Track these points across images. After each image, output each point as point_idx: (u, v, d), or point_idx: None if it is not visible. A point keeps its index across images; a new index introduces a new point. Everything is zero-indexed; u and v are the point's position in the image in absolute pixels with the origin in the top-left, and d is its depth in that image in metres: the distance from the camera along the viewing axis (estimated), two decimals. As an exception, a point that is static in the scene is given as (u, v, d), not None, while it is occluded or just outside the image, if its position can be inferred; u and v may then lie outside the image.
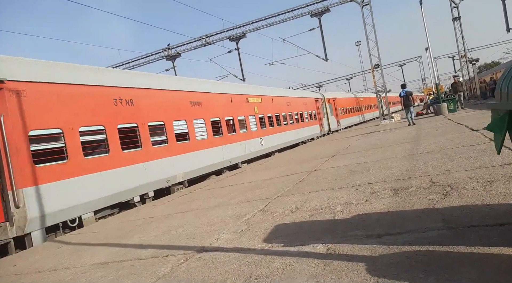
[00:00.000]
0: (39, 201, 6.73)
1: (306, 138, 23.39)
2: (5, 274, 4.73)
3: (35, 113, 7.03)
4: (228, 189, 8.22)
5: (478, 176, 4.52)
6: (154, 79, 11.31)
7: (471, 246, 2.60)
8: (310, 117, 24.97)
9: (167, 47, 30.24)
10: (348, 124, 34.21)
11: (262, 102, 17.84)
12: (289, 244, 3.49)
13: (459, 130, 9.98)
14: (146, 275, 3.47)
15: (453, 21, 29.60)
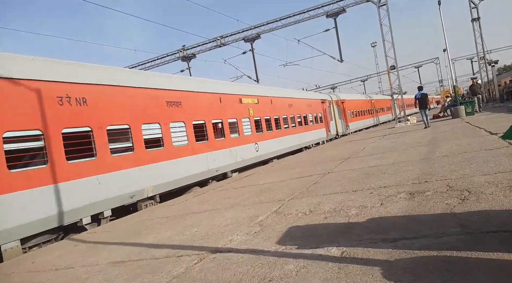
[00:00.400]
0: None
1: (311, 143, 21.46)
2: (23, 271, 4.84)
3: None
4: (241, 190, 8.24)
5: (497, 180, 4.42)
6: (119, 74, 9.45)
7: (490, 252, 2.55)
8: (315, 121, 22.95)
9: (182, 48, 30.52)
10: (358, 128, 32.16)
11: (258, 104, 16.00)
12: (303, 246, 3.48)
13: (477, 134, 9.78)
14: (161, 275, 3.51)
15: (472, 22, 29.04)
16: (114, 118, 8.54)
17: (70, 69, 7.92)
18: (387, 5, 23.31)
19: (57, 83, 7.38)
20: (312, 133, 21.96)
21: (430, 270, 2.46)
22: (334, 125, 26.32)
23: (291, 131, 19.09)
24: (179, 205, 7.92)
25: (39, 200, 6.60)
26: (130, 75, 9.97)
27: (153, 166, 9.39)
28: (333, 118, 26.25)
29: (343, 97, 30.51)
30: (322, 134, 23.61)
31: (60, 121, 7.25)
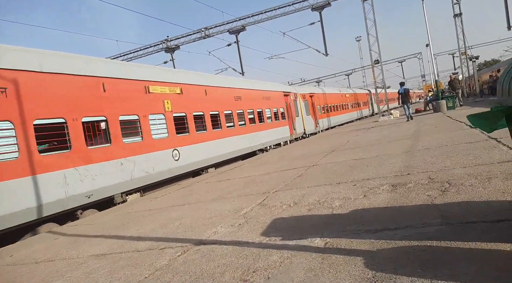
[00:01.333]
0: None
1: (269, 145, 17.94)
2: (2, 264, 4.72)
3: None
4: (225, 183, 8.22)
5: (476, 172, 4.52)
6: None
7: (469, 241, 2.60)
8: (275, 117, 19.51)
9: (166, 39, 30.07)
10: (330, 125, 29.33)
11: (182, 95, 11.85)
12: (287, 237, 3.49)
13: (458, 128, 9.98)
14: (144, 267, 3.47)
15: (454, 17, 29.54)
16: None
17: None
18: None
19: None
20: (270, 132, 18.33)
21: (411, 259, 2.50)
22: (300, 122, 22.98)
23: (238, 131, 15.21)
24: (163, 198, 7.85)
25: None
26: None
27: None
28: (299, 115, 22.99)
29: (312, 90, 27.43)
30: (284, 133, 20.31)
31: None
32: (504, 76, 2.54)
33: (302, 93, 24.49)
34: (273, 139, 18.70)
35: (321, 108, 27.97)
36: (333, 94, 32.73)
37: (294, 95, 22.73)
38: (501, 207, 3.18)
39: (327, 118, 29.16)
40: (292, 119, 21.61)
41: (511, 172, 4.22)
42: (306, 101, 24.73)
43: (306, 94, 25.26)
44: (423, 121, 15.21)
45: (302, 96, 24.22)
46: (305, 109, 24.26)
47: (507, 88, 2.41)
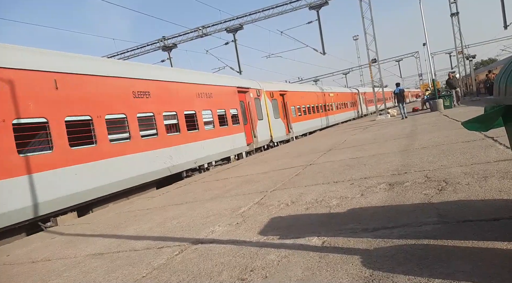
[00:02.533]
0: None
1: (208, 161, 12.96)
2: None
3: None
4: (223, 182, 8.22)
5: (473, 171, 4.54)
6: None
7: (466, 240, 2.62)
8: (222, 121, 14.37)
9: (163, 37, 29.99)
10: (307, 131, 24.60)
11: (62, 88, 8.04)
12: (284, 236, 3.50)
13: (455, 127, 10.02)
14: (141, 266, 3.47)
15: (451, 16, 29.63)
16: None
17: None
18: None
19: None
20: (211, 143, 13.25)
21: (408, 257, 2.51)
22: (265, 127, 18.19)
23: (138, 145, 9.89)
24: (161, 197, 7.84)
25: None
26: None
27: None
28: (264, 118, 18.19)
29: (283, 87, 22.78)
30: (237, 143, 15.13)
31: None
32: (500, 75, 2.55)
33: (270, 91, 19.68)
34: (218, 153, 13.55)
35: (296, 109, 23.33)
36: (312, 93, 27.92)
37: (256, 92, 17.85)
38: (497, 206, 3.20)
39: (304, 122, 24.37)
40: (252, 124, 16.56)
41: (507, 170, 4.24)
42: (275, 101, 20.10)
43: (275, 91, 20.38)
44: (420, 120, 15.26)
45: (269, 94, 19.39)
46: (274, 110, 19.48)
47: (504, 87, 2.42)
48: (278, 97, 20.77)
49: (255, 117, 17.31)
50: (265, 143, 18.12)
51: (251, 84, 17.82)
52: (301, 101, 24.59)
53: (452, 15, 29.52)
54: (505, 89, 2.41)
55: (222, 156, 13.99)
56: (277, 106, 20.29)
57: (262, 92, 18.70)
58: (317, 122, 27.44)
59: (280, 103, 20.81)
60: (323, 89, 31.01)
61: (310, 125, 25.47)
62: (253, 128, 16.94)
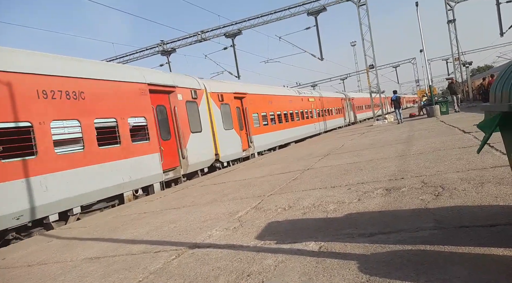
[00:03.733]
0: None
1: (79, 205, 7.98)
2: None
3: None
4: (221, 186, 8.21)
5: (469, 177, 4.57)
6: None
7: (462, 246, 2.63)
8: (113, 138, 9.21)
9: (162, 42, 30.07)
10: (276, 144, 19.80)
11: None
12: (281, 241, 3.50)
13: (451, 132, 10.07)
14: (138, 270, 3.46)
15: (448, 23, 29.85)
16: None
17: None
18: (366, 5, 23.62)
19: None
20: (80, 175, 8.09)
21: (404, 263, 2.51)
22: (206, 143, 13.24)
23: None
24: (158, 201, 7.82)
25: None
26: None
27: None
28: (203, 129, 13.14)
29: (241, 88, 17.20)
30: (145, 170, 9.94)
31: None
32: (496, 82, 2.58)
33: (218, 92, 14.74)
34: (84, 193, 8.12)
35: (261, 117, 18.48)
36: (285, 97, 22.67)
37: (191, 93, 12.79)
38: (494, 212, 3.22)
39: (272, 133, 19.52)
40: (178, 139, 11.66)
41: (503, 177, 4.26)
42: (226, 106, 15.14)
43: (227, 94, 15.32)
44: (416, 126, 15.32)
45: (217, 97, 14.59)
46: (224, 119, 14.71)
47: (500, 94, 2.45)
48: (232, 102, 15.70)
49: (186, 129, 12.03)
50: (204, 165, 12.81)
51: (179, 81, 12.32)
52: (269, 107, 19.64)
53: (449, 22, 29.75)
54: (501, 96, 2.43)
55: (101, 195, 8.53)
56: (229, 113, 15.24)
57: (202, 93, 13.48)
58: (291, 133, 22.30)
59: (234, 109, 15.75)
60: (300, 92, 26.51)
61: (280, 137, 20.56)
62: (181, 146, 11.66)
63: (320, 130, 28.22)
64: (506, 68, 2.54)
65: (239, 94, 16.56)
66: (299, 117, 24.19)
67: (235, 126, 15.70)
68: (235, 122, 15.77)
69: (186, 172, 11.84)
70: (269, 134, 19.26)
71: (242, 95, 16.91)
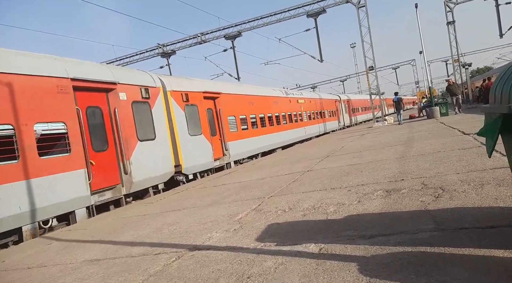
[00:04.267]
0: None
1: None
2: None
3: None
4: (221, 188, 8.21)
5: (469, 179, 4.56)
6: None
7: (462, 247, 2.62)
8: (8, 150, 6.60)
9: (162, 44, 30.10)
10: (258, 151, 17.49)
11: None
12: (282, 243, 3.49)
13: (451, 134, 10.07)
14: (138, 273, 3.45)
15: (448, 25, 29.91)
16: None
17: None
18: (366, 6, 23.67)
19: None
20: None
21: (405, 265, 2.51)
22: (162, 152, 10.83)
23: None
24: (158, 203, 7.82)
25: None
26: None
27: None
28: (157, 135, 10.69)
29: (214, 87, 14.90)
30: (62, 194, 7.47)
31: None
32: (496, 84, 2.58)
33: (182, 91, 12.27)
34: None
35: (239, 121, 16.14)
36: (268, 98, 20.26)
37: (140, 92, 10.32)
38: (493, 213, 3.22)
39: (252, 139, 16.98)
40: (119, 150, 9.28)
41: (503, 178, 4.26)
42: (194, 108, 12.75)
43: (194, 93, 12.90)
44: (416, 128, 15.32)
45: (180, 97, 12.10)
46: (189, 123, 12.29)
47: (499, 96, 2.45)
48: (202, 102, 13.35)
49: (131, 136, 9.56)
50: (157, 180, 10.33)
51: (122, 77, 9.81)
52: (249, 109, 17.35)
53: (448, 23, 29.80)
54: (501, 98, 2.43)
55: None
56: (197, 116, 12.83)
57: (158, 92, 10.94)
58: (277, 138, 20.04)
59: (204, 111, 13.36)
60: (288, 93, 24.18)
61: (263, 143, 18.11)
62: (123, 158, 9.25)
63: (311, 134, 26.05)
64: (506, 69, 2.54)
65: (210, 94, 14.20)
66: (286, 121, 22.01)
67: (205, 131, 13.19)
68: (205, 127, 13.25)
69: (130, 191, 9.25)
70: (249, 140, 16.79)
71: (215, 95, 14.54)
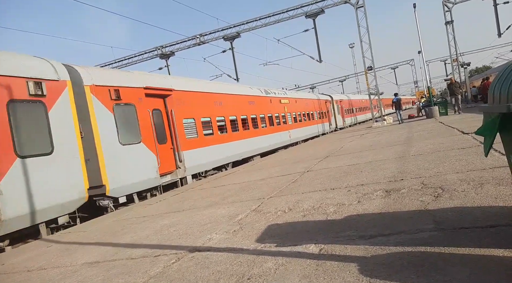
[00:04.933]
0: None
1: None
2: (-6, 273, 4.65)
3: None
4: (220, 189, 8.21)
5: (469, 178, 4.57)
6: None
7: (462, 247, 2.62)
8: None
9: (161, 45, 30.12)
10: (228, 160, 14.66)
11: None
12: (282, 244, 3.49)
13: (450, 133, 10.08)
14: (138, 275, 3.45)
15: (446, 25, 29.94)
16: None
17: None
18: (364, 7, 23.70)
19: None
20: None
21: (405, 265, 2.51)
22: (67, 169, 7.81)
23: None
24: (157, 204, 7.81)
25: None
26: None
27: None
28: (54, 148, 7.62)
29: (162, 82, 11.84)
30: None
31: None
32: (494, 83, 2.59)
33: (111, 86, 9.53)
34: None
35: (200, 125, 13.19)
36: (243, 97, 17.43)
37: (31, 87, 7.45)
38: (493, 213, 3.22)
39: (218, 146, 14.06)
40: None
41: (503, 177, 4.26)
42: (130, 108, 9.94)
43: (132, 89, 10.10)
44: (416, 127, 15.33)
45: (109, 94, 9.41)
46: (120, 127, 9.52)
47: (498, 95, 2.45)
48: (143, 101, 10.45)
49: (4, 151, 6.74)
50: (51, 214, 7.37)
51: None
52: (214, 110, 14.38)
53: (447, 23, 29.84)
54: (499, 97, 2.44)
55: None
56: (133, 119, 9.99)
57: (63, 88, 8.17)
58: (253, 144, 17.02)
59: (147, 113, 10.44)
60: (268, 92, 20.71)
61: (233, 150, 15.17)
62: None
63: (298, 138, 23.23)
64: (505, 68, 2.54)
65: (156, 91, 11.11)
66: (266, 124, 19.21)
67: (147, 139, 10.28)
68: (147, 133, 10.35)
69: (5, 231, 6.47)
70: (215, 148, 13.77)
71: (164, 92, 11.49)
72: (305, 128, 25.08)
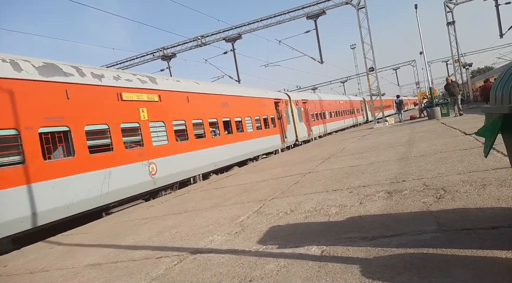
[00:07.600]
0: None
1: None
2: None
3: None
4: (222, 190, 8.20)
5: (471, 179, 4.55)
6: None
7: (465, 249, 2.61)
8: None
9: (162, 47, 30.16)
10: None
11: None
12: (283, 246, 3.49)
13: (452, 134, 10.05)
14: (140, 277, 3.45)
15: (448, 25, 29.92)
16: None
17: None
18: (365, 8, 23.69)
19: None
20: None
21: (407, 267, 2.50)
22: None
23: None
24: (159, 206, 7.81)
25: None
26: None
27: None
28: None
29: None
30: None
31: None
32: (497, 83, 2.58)
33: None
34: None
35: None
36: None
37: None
38: (496, 214, 3.20)
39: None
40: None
41: (505, 179, 4.25)
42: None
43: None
44: (417, 128, 15.30)
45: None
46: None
47: (500, 96, 2.44)
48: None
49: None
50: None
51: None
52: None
53: (449, 24, 29.82)
54: (502, 98, 2.43)
55: None
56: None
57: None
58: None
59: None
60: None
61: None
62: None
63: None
64: (507, 69, 2.54)
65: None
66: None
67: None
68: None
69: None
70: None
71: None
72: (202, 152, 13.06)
